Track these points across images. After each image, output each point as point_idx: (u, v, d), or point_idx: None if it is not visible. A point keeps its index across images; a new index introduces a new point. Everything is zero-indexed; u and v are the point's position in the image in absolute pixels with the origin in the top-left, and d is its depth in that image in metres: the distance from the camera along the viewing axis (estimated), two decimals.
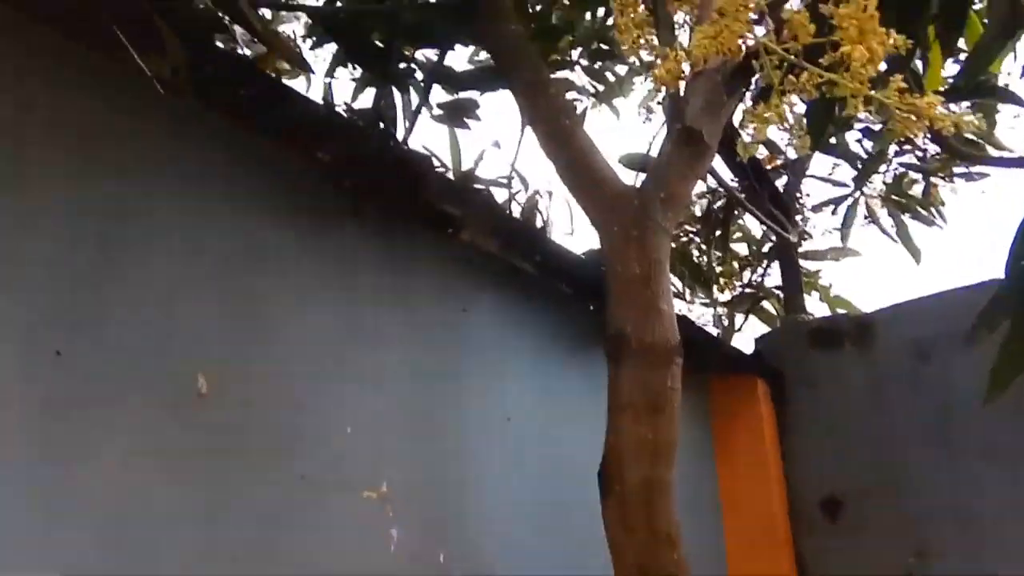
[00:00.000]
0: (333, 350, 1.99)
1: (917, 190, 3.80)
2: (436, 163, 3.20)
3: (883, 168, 3.78)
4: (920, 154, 3.83)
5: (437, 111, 3.12)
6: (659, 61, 0.97)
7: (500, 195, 3.11)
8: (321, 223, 2.04)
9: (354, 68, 3.12)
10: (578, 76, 3.84)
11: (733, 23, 0.92)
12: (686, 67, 1.00)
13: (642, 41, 1.05)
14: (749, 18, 0.96)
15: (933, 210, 3.72)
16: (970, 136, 2.54)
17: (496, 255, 2.38)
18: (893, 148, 3.71)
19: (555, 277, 2.51)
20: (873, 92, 0.92)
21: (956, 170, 3.64)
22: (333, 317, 2.01)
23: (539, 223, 3.09)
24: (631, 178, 2.91)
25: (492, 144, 3.03)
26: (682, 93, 2.04)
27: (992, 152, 2.58)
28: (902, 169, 3.86)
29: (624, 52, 0.99)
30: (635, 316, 2.01)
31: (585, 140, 2.15)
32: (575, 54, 3.76)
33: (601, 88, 3.92)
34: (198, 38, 1.77)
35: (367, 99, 3.04)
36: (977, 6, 1.80)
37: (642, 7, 1.05)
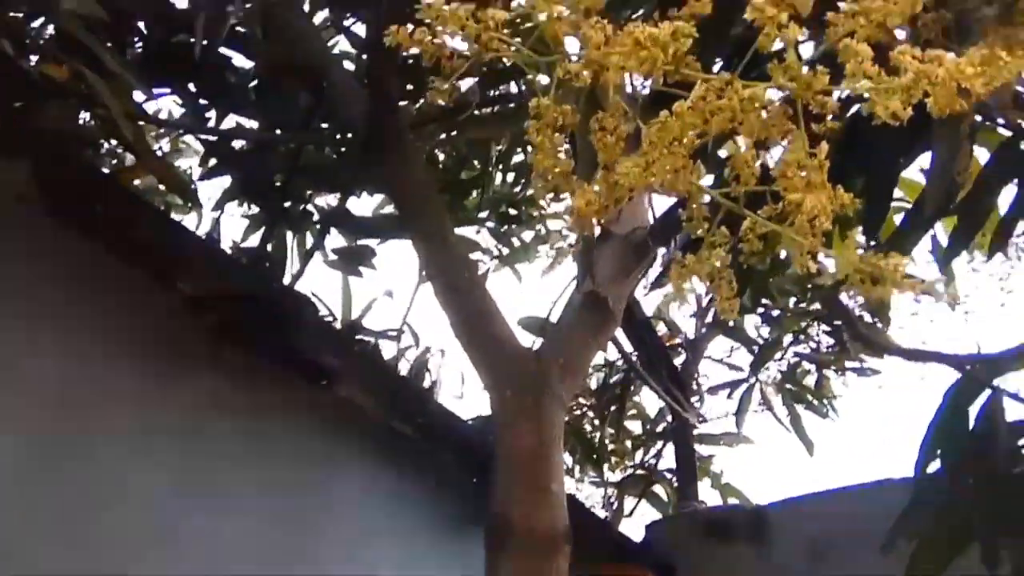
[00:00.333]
0: (171, 509, 1.68)
1: (811, 381, 3.81)
2: (323, 310, 2.98)
3: (779, 356, 3.77)
4: (814, 344, 3.86)
5: (332, 256, 2.93)
6: (577, 193, 0.81)
7: (389, 349, 2.89)
8: (174, 362, 1.78)
9: (249, 205, 2.93)
10: (483, 237, 3.78)
11: (669, 157, 0.77)
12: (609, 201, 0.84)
13: (557, 170, 0.88)
14: (683, 154, 0.81)
15: (826, 401, 3.71)
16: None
17: (374, 414, 2.14)
18: (788, 337, 3.73)
19: (438, 443, 2.27)
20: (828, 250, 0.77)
21: (849, 364, 3.67)
22: (173, 471, 1.72)
23: (427, 382, 2.87)
24: (530, 342, 2.75)
25: (384, 294, 2.84)
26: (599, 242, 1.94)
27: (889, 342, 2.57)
28: (796, 358, 3.87)
29: (536, 190, 0.83)
30: (522, 496, 1.79)
31: (484, 298, 1.99)
32: (483, 214, 3.71)
33: (506, 251, 3.85)
34: (55, 148, 1.58)
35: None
36: None
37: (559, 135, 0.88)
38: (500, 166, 3.53)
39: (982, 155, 1.53)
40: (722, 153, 0.88)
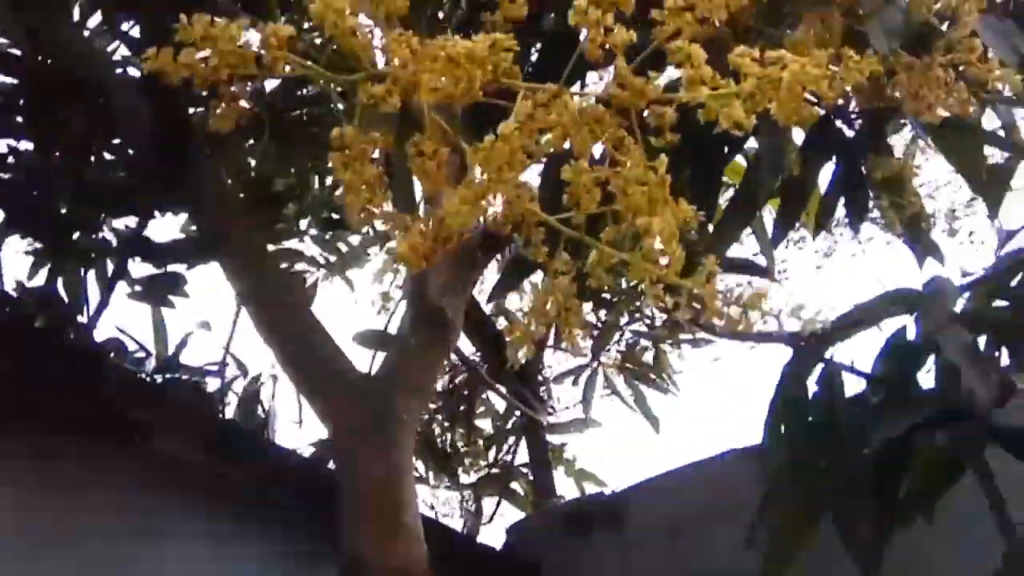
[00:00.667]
0: None
1: (649, 358, 3.87)
2: (135, 348, 2.69)
3: (617, 337, 3.81)
4: (649, 322, 3.92)
5: (136, 288, 2.64)
6: (398, 234, 0.69)
7: (215, 384, 2.64)
8: None
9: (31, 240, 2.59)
10: (308, 246, 3.56)
11: (496, 185, 0.66)
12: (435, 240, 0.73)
13: (374, 209, 0.76)
14: (515, 182, 0.70)
15: (665, 376, 3.79)
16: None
17: (201, 464, 1.93)
18: (624, 317, 3.77)
19: (276, 486, 2.09)
20: (682, 281, 0.70)
21: (683, 337, 3.76)
22: None
23: (261, 414, 2.66)
24: (367, 359, 2.60)
25: (200, 325, 2.59)
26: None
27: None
28: (633, 337, 3.92)
29: (352, 222, 0.71)
30: (374, 532, 1.66)
31: (309, 321, 1.83)
32: (303, 223, 3.50)
33: (333, 259, 3.65)
34: None
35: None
36: None
37: (373, 163, 0.76)
38: (317, 170, 3.33)
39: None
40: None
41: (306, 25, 1.51)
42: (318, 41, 1.01)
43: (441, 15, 1.90)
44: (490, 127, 0.70)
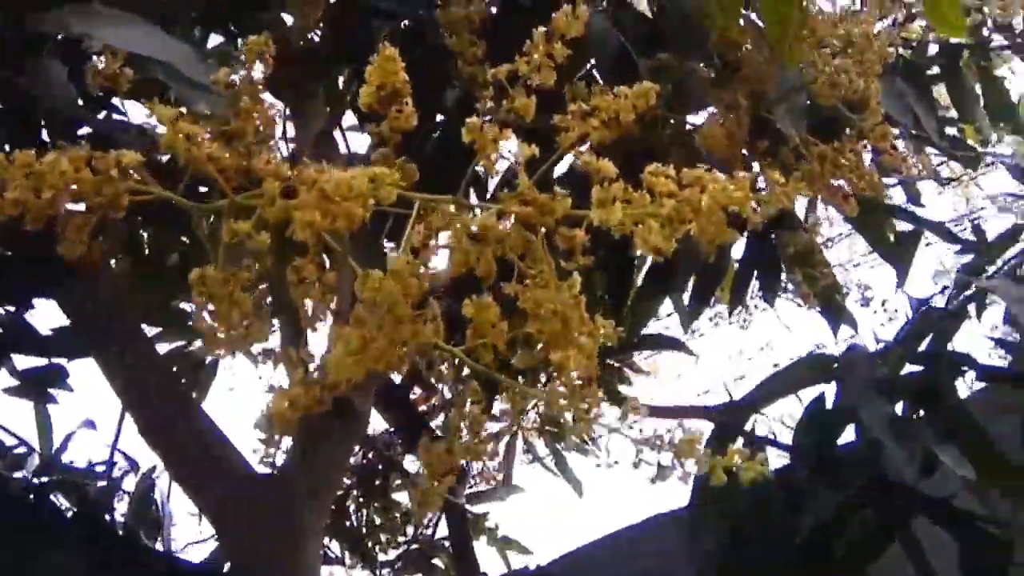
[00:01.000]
0: None
1: (569, 419, 3.80)
2: (16, 444, 2.46)
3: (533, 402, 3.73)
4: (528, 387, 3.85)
5: (13, 383, 2.42)
6: (275, 395, 0.60)
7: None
8: None
9: None
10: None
11: (393, 327, 0.57)
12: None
13: (250, 338, 0.67)
14: (412, 314, 0.62)
15: (587, 438, 3.72)
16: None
17: None
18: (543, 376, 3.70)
19: None
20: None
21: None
22: None
23: (155, 511, 2.45)
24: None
25: (83, 424, 2.39)
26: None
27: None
28: (514, 400, 3.84)
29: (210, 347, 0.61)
30: None
31: (198, 423, 1.67)
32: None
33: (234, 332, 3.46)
34: None
35: None
36: None
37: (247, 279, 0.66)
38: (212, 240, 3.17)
39: None
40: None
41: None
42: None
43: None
44: (383, 238, 0.62)
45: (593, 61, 1.18)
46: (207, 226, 0.66)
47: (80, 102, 1.12)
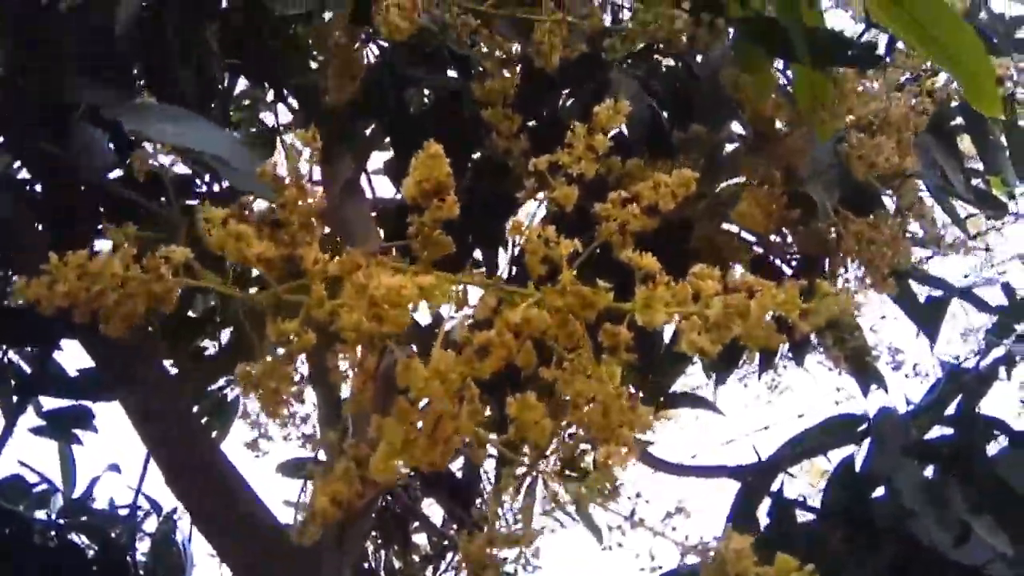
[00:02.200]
0: None
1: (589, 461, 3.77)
2: (39, 482, 2.47)
3: (554, 444, 3.70)
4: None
5: (38, 422, 2.44)
6: (317, 489, 0.60)
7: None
8: None
9: None
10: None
11: (436, 424, 0.58)
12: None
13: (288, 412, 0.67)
14: (455, 410, 0.62)
15: (608, 485, 3.67)
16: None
17: None
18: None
19: None
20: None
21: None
22: None
23: (177, 553, 2.44)
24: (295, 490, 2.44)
25: (109, 468, 2.39)
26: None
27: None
28: (571, 441, 3.82)
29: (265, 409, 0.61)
30: None
31: (223, 471, 1.67)
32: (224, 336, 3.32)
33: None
34: None
35: None
36: None
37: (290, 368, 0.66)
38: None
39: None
40: None
41: None
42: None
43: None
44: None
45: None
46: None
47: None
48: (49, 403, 2.42)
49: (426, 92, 1.58)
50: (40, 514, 2.39)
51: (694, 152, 1.10)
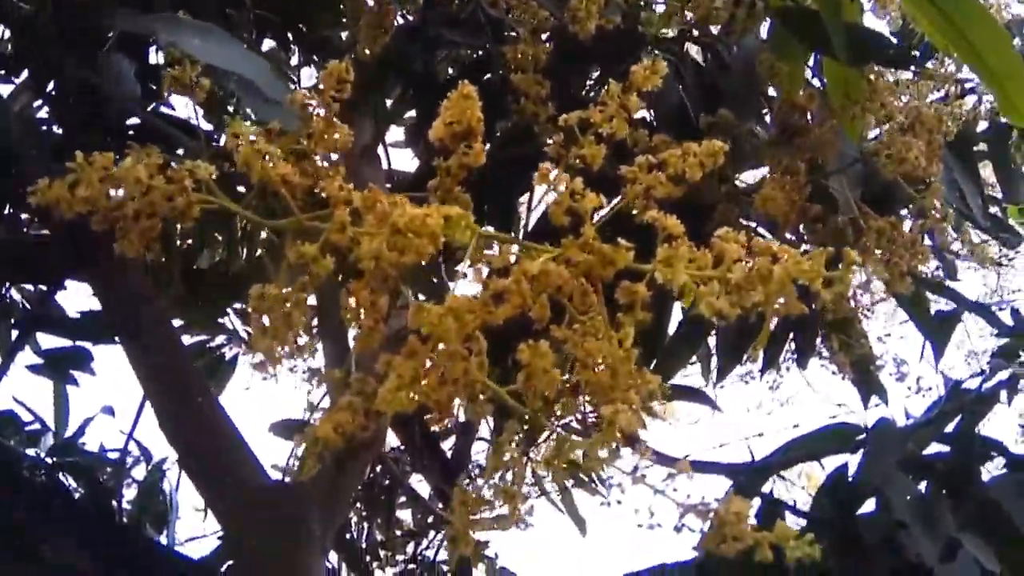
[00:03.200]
0: None
1: (579, 455, 3.76)
2: (32, 421, 2.47)
3: (547, 433, 3.70)
4: (580, 416, 3.82)
5: (36, 361, 2.44)
6: (321, 419, 0.59)
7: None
8: None
9: None
10: (230, 320, 3.37)
11: (446, 363, 0.57)
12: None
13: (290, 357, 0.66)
14: (464, 351, 0.62)
15: (595, 477, 3.68)
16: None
17: (88, 573, 1.73)
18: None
19: None
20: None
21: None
22: None
23: (162, 505, 2.45)
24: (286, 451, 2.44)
25: (102, 409, 2.40)
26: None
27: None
28: (563, 432, 3.81)
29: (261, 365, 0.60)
30: None
31: (218, 422, 1.67)
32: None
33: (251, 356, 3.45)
34: None
35: None
36: None
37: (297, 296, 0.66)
38: (245, 243, 3.18)
39: None
40: None
41: None
42: None
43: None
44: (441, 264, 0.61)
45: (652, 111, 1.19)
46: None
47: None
48: (48, 344, 2.43)
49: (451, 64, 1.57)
50: (30, 452, 2.40)
51: (720, 137, 1.10)
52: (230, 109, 1.54)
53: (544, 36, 1.15)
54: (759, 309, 0.59)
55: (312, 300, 0.69)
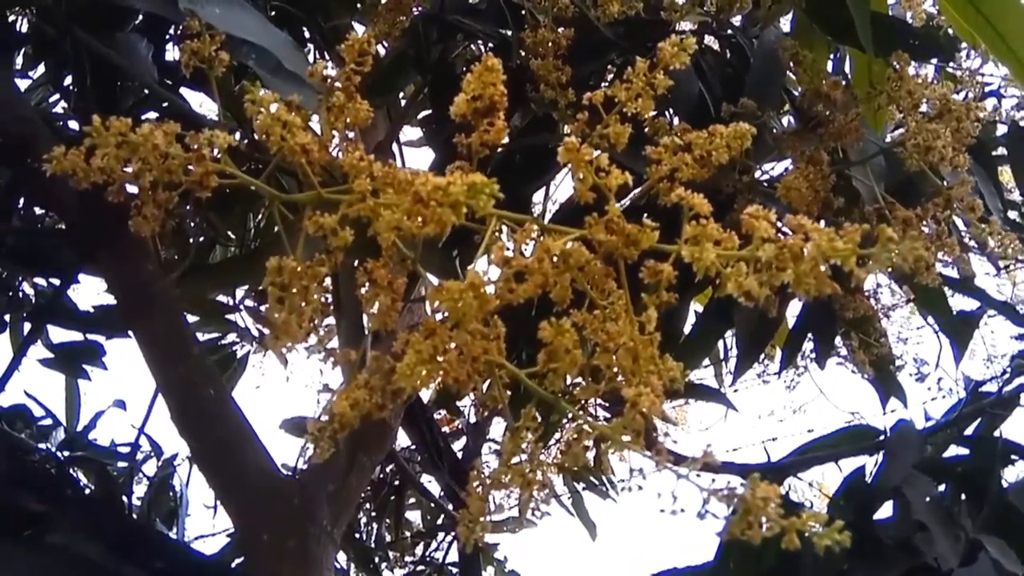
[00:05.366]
0: None
1: (590, 457, 3.73)
2: (43, 415, 2.47)
3: (556, 436, 3.68)
4: (591, 419, 3.80)
5: (47, 354, 2.44)
6: (339, 394, 0.58)
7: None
8: None
9: None
10: (242, 318, 3.37)
11: (465, 341, 0.56)
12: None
13: (310, 334, 0.65)
14: (482, 331, 0.61)
15: (606, 480, 3.66)
16: None
17: (98, 563, 1.72)
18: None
19: None
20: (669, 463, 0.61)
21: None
22: None
23: (171, 500, 2.45)
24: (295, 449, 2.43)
25: (114, 404, 2.39)
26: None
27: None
28: (575, 435, 3.79)
29: (277, 340, 0.59)
30: None
31: (230, 414, 1.66)
32: (239, 293, 3.31)
33: (267, 332, 3.45)
34: None
35: None
36: None
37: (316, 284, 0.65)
38: (258, 238, 3.17)
39: None
40: None
41: None
42: None
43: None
44: (456, 248, 0.60)
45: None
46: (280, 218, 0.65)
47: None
48: (60, 338, 2.43)
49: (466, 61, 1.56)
50: (41, 446, 2.39)
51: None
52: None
53: (563, 26, 1.14)
54: (789, 290, 0.57)
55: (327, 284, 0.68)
